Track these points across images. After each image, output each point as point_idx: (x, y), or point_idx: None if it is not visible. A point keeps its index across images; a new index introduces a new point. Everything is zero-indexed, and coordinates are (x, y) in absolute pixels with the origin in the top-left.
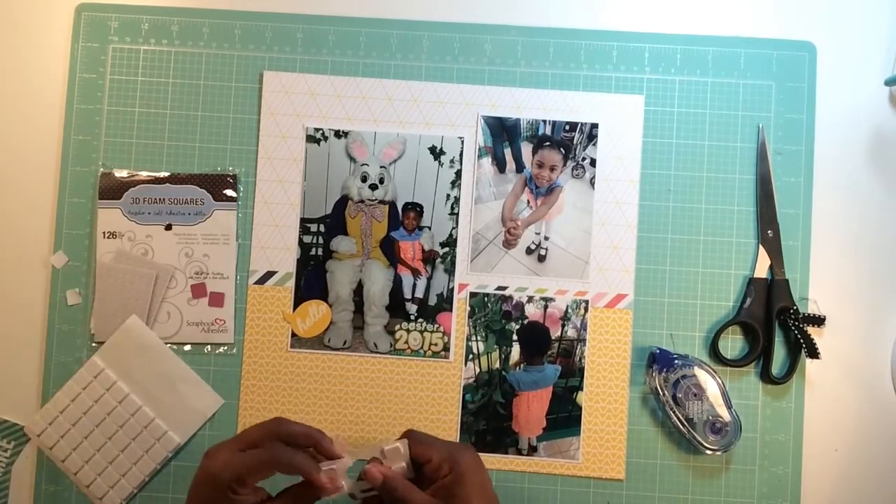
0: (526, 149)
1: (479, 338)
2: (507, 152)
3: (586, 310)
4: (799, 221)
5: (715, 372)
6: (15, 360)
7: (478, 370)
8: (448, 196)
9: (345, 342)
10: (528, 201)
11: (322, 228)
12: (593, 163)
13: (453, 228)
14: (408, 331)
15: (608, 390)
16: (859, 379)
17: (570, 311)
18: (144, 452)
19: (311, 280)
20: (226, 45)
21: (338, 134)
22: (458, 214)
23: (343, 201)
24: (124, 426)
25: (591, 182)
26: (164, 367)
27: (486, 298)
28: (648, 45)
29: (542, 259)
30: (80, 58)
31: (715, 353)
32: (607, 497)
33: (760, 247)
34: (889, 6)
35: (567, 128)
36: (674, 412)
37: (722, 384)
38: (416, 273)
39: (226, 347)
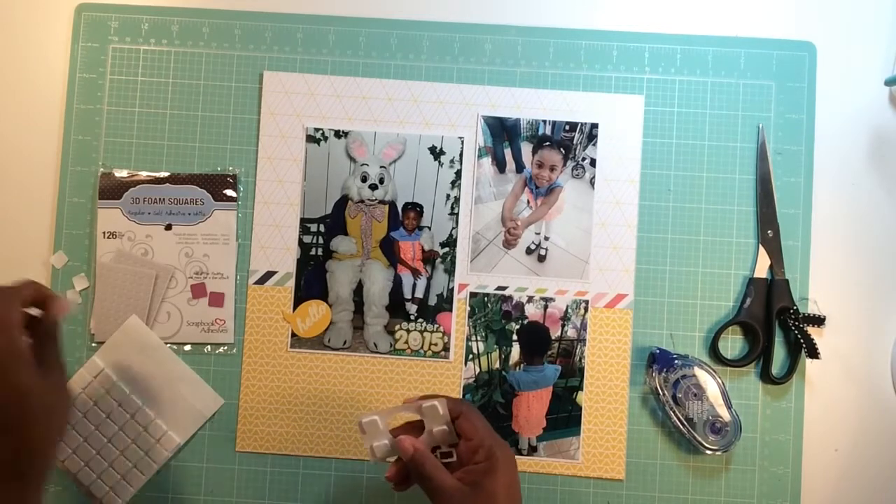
0: (526, 149)
1: (479, 338)
2: (507, 152)
3: (586, 310)
4: (799, 221)
5: (715, 372)
6: None
7: (478, 370)
8: (448, 196)
9: (345, 342)
10: (528, 201)
11: (322, 228)
12: (593, 163)
13: (453, 228)
14: (408, 331)
15: (608, 390)
16: (859, 379)
17: (570, 311)
18: (144, 452)
19: (311, 280)
20: (226, 45)
21: (338, 134)
22: (458, 214)
23: (343, 201)
24: (124, 426)
25: (591, 182)
26: (164, 367)
27: (486, 298)
28: (648, 45)
29: (542, 259)
30: (80, 58)
31: (715, 353)
32: (607, 497)
33: (760, 247)
34: (889, 6)
35: (567, 128)
36: (674, 412)
37: (722, 384)
38: (416, 273)
39: (226, 347)
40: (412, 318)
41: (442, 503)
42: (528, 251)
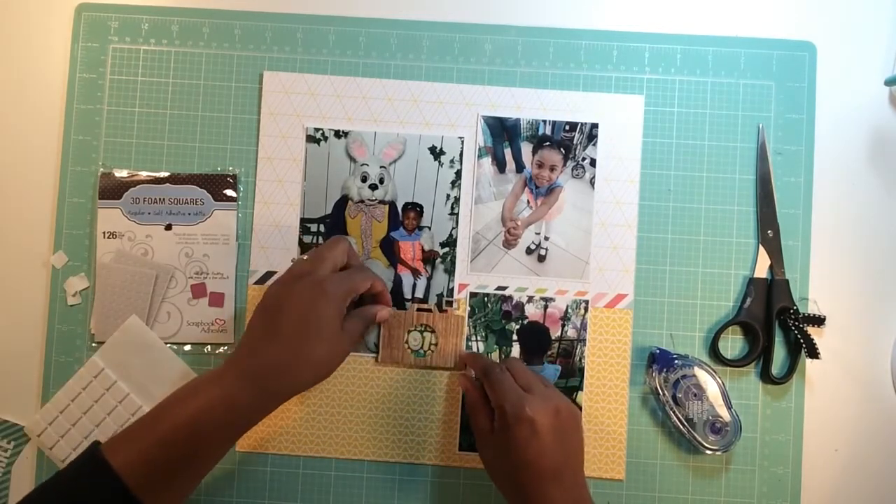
0: (526, 149)
1: (479, 338)
2: (507, 152)
3: (586, 310)
4: (799, 221)
5: (715, 372)
6: (15, 360)
7: None
8: (448, 196)
9: None
10: (528, 201)
11: (322, 228)
12: (593, 163)
13: (453, 228)
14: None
15: (608, 390)
16: (859, 379)
17: (570, 311)
18: None
19: None
20: (226, 45)
21: (338, 134)
22: (458, 214)
23: (343, 201)
24: (124, 426)
25: (591, 182)
26: (164, 367)
27: (486, 298)
28: (648, 45)
29: (542, 259)
30: (80, 58)
31: (715, 353)
32: (607, 497)
33: (760, 247)
34: (889, 6)
35: (567, 128)
36: (674, 412)
37: (722, 384)
38: (416, 273)
39: (226, 347)
40: None
41: (477, 440)
42: (528, 251)
